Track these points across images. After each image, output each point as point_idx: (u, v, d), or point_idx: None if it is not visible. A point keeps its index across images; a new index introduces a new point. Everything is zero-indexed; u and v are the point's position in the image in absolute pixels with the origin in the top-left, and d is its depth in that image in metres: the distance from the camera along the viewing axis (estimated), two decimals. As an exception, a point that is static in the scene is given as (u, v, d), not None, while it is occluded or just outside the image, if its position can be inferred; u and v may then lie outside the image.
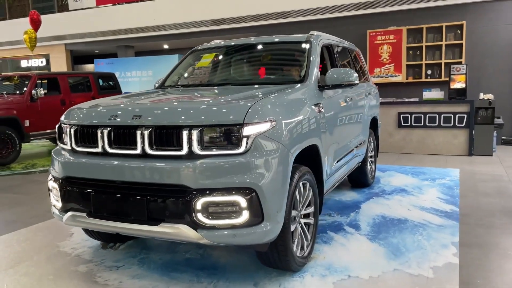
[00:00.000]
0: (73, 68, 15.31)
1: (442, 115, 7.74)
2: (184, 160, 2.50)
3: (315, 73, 3.61)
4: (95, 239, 3.65)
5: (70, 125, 2.92)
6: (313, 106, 3.26)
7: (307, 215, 3.19)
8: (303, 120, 2.99)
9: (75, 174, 2.80)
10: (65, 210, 2.87)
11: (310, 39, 3.91)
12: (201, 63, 4.21)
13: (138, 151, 2.60)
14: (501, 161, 7.03)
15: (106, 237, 3.58)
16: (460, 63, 9.10)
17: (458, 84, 7.86)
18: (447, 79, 8.55)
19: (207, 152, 2.49)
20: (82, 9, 14.46)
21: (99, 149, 2.73)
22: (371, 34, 10.00)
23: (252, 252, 3.25)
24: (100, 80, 10.72)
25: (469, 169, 6.38)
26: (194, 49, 4.40)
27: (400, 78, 9.89)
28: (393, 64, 9.92)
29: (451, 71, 7.93)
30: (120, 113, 2.73)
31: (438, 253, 3.28)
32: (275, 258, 2.81)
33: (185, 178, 2.44)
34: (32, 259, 3.40)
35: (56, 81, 9.65)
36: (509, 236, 3.63)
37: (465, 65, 7.87)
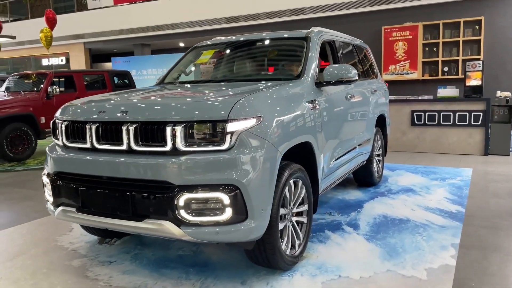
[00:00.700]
0: (91, 66, 15.60)
1: (457, 113, 7.52)
2: (168, 156, 2.49)
3: (312, 69, 3.55)
4: (92, 234, 3.69)
5: (62, 121, 2.95)
6: (308, 102, 3.21)
7: (300, 214, 3.14)
8: (294, 116, 2.94)
9: (65, 169, 2.83)
10: (57, 204, 2.91)
11: (309, 35, 3.85)
12: (201, 60, 4.20)
13: (124, 147, 2.61)
14: (517, 161, 6.79)
15: (102, 233, 3.61)
16: (478, 59, 8.84)
17: (474, 81, 7.63)
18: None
19: (191, 148, 2.47)
20: (100, 8, 14.70)
21: (88, 145, 2.75)
22: (386, 30, 9.82)
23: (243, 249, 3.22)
24: (115, 78, 10.88)
25: (483, 169, 6.18)
26: (194, 46, 4.40)
27: (415, 75, 9.68)
28: (408, 61, 9.72)
29: (466, 68, 7.70)
30: (108, 109, 2.74)
31: (435, 254, 3.18)
32: (263, 256, 2.77)
33: (168, 174, 2.43)
34: (30, 252, 3.46)
35: (71, 79, 9.85)
36: (514, 238, 3.50)
37: (481, 62, 7.63)
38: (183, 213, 2.43)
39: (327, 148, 3.52)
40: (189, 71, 4.28)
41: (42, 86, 9.04)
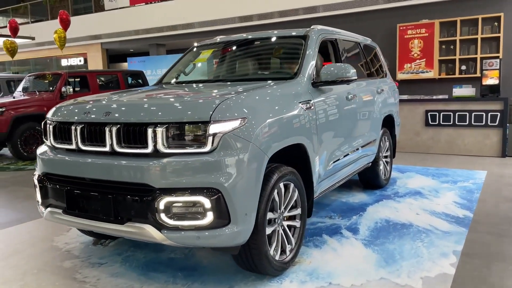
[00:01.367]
0: (108, 66, 15.80)
1: (473, 114, 7.26)
2: (149, 158, 2.44)
3: (309, 68, 3.44)
4: (87, 235, 3.68)
5: (51, 121, 2.94)
6: (301, 103, 3.11)
7: (292, 217, 3.05)
8: (285, 118, 2.85)
9: (52, 170, 2.82)
10: (45, 206, 2.90)
11: (308, 34, 3.74)
12: (199, 60, 4.15)
13: (107, 148, 2.57)
14: (536, 163, 6.50)
15: (96, 234, 3.59)
16: (497, 57, 8.51)
17: (490, 80, 7.34)
18: (482, 75, 8.02)
19: (172, 150, 2.41)
20: (116, 8, 14.87)
21: (74, 146, 2.73)
22: (401, 28, 9.57)
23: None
24: (129, 78, 10.97)
25: (498, 172, 5.94)
26: (194, 46, 4.35)
27: (431, 74, 9.41)
28: (424, 59, 9.45)
29: (483, 67, 7.42)
30: (92, 110, 2.71)
31: (434, 262, 3.03)
32: (249, 261, 2.69)
33: (148, 177, 2.38)
34: (25, 252, 3.47)
35: (85, 79, 9.98)
36: (522, 246, 3.31)
37: (498, 60, 7.34)
38: (163, 217, 2.37)
39: (324, 149, 3.41)
40: (188, 71, 4.24)
41: (56, 86, 9.19)
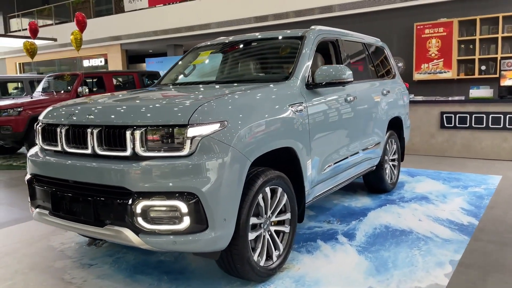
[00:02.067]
0: (127, 67, 16.04)
1: (490, 116, 6.99)
2: (128, 161, 2.42)
3: (303, 70, 3.37)
4: (83, 236, 3.71)
5: (41, 123, 2.98)
6: (291, 105, 3.03)
7: (281, 222, 2.99)
8: (270, 120, 2.78)
9: (39, 172, 2.85)
10: (35, 206, 2.94)
11: (304, 34, 3.67)
12: (197, 61, 4.13)
13: (89, 150, 2.57)
14: (556, 168, 6.20)
15: (91, 234, 3.62)
16: (518, 57, 8.19)
17: (509, 81, 7.06)
18: (501, 75, 7.72)
19: (150, 153, 2.39)
20: (135, 10, 15.08)
21: (59, 148, 2.75)
22: (418, 27, 9.32)
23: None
24: (145, 78, 11.10)
25: (513, 177, 5.69)
26: (194, 47, 4.34)
27: (450, 74, 9.12)
28: (442, 59, 9.17)
29: (501, 67, 7.13)
30: (77, 112, 2.72)
31: (428, 272, 2.91)
32: (232, 267, 2.65)
33: (125, 180, 2.36)
34: (21, 251, 3.53)
35: (101, 79, 10.15)
36: (526, 257, 3.14)
37: (518, 60, 7.05)
38: (140, 221, 2.35)
39: (317, 153, 3.33)
40: (186, 72, 4.23)
41: (72, 86, 9.38)
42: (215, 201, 2.35)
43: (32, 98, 9.13)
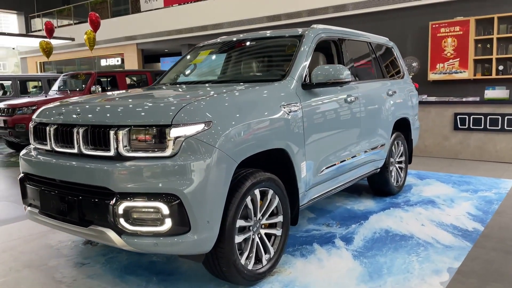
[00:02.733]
0: (143, 66, 16.18)
1: (506, 117, 6.75)
2: (112, 161, 2.40)
3: (300, 70, 3.29)
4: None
5: (33, 122, 2.99)
6: (284, 106, 2.97)
7: (273, 225, 2.93)
8: (260, 121, 2.73)
9: (29, 170, 2.86)
10: (27, 205, 2.95)
11: (303, 33, 3.59)
12: (195, 61, 4.10)
13: (75, 150, 2.57)
14: None
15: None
16: (538, 57, 7.90)
17: (526, 81, 6.79)
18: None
19: (134, 154, 2.37)
20: (151, 10, 15.20)
21: (48, 147, 2.76)
22: (434, 26, 9.09)
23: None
24: (158, 77, 11.18)
25: (527, 181, 5.48)
26: (194, 47, 4.31)
27: (466, 74, 8.86)
28: (458, 59, 8.92)
29: (518, 67, 6.88)
30: (65, 111, 2.72)
31: (423, 279, 2.80)
32: (218, 270, 2.60)
33: (108, 180, 2.34)
34: (18, 249, 3.56)
35: (115, 78, 10.27)
36: (530, 266, 3.00)
37: (535, 60, 6.78)
38: (122, 222, 2.33)
39: (313, 155, 3.25)
40: (185, 71, 4.20)
41: (85, 85, 9.52)
42: (198, 203, 2.31)
43: (46, 96, 9.29)
